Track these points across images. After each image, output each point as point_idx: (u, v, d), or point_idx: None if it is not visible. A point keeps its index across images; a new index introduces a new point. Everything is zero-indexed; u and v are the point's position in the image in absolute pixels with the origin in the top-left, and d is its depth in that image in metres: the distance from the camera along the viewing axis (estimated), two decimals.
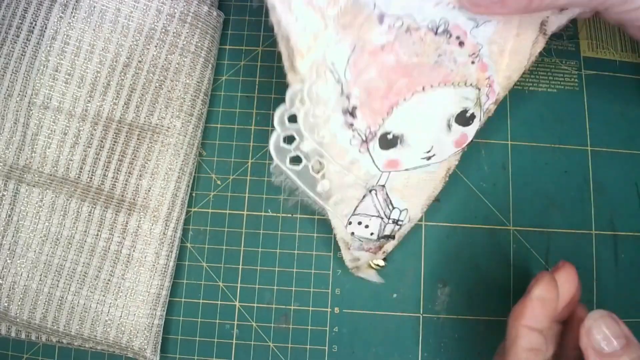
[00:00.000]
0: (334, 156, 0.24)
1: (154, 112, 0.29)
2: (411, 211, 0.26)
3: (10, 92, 0.28)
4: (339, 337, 0.30)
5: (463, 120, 0.25)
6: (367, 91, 0.23)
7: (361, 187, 0.25)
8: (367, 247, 0.26)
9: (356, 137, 0.24)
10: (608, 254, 0.30)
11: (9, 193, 0.28)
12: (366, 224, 0.26)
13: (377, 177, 0.25)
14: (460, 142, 0.25)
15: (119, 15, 0.29)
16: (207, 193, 0.31)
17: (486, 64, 0.24)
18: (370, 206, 0.25)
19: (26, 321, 0.28)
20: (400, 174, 0.25)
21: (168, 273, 0.29)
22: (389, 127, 0.24)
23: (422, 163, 0.25)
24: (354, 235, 0.26)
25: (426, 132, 0.24)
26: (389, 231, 0.26)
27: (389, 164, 0.25)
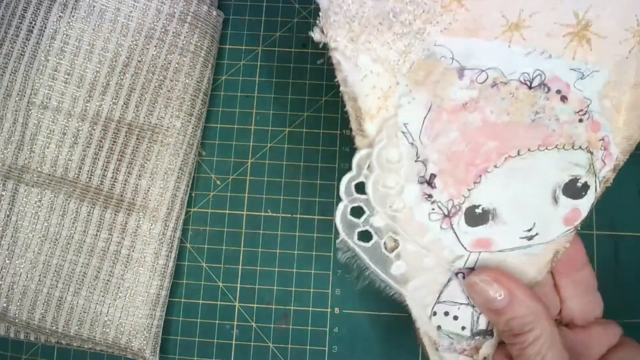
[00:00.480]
0: (410, 234, 0.21)
1: (154, 111, 0.29)
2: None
3: (10, 91, 0.28)
4: (339, 338, 0.29)
5: (573, 191, 0.20)
6: (448, 156, 0.20)
7: (445, 270, 0.21)
8: (460, 348, 0.22)
9: (436, 211, 0.21)
10: (608, 254, 0.29)
11: (8, 193, 0.28)
12: (454, 314, 0.22)
13: (464, 259, 0.21)
14: (572, 219, 0.21)
15: (118, 14, 0.29)
16: (207, 193, 0.31)
17: (598, 122, 0.20)
18: (457, 292, 0.21)
19: (25, 321, 0.28)
20: (493, 255, 0.21)
21: (167, 273, 0.29)
22: (477, 200, 0.20)
23: (521, 243, 0.21)
24: (441, 329, 0.22)
25: (526, 207, 0.21)
26: (485, 324, 0.22)
27: (478, 243, 0.21)
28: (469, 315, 0.22)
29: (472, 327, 0.22)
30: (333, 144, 0.31)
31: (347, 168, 0.31)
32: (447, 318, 0.22)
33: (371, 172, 0.20)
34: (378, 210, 0.21)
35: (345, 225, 0.21)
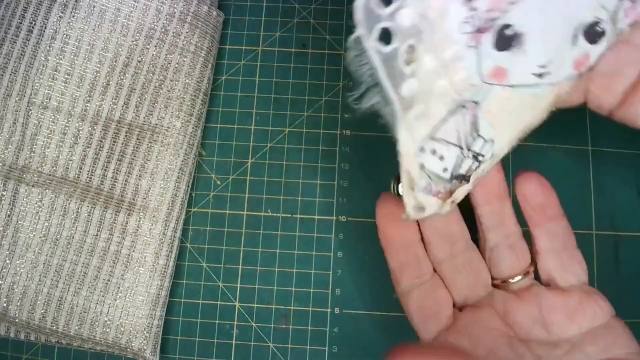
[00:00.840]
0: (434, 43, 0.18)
1: (154, 112, 0.29)
2: (497, 144, 0.21)
3: (10, 91, 0.28)
4: (339, 338, 0.29)
5: (591, 34, 0.19)
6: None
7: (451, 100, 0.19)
8: (436, 190, 0.21)
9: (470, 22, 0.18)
10: (608, 254, 0.29)
11: (8, 193, 0.28)
12: (441, 154, 0.20)
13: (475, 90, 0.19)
14: (580, 63, 0.20)
15: (118, 14, 0.29)
16: (207, 193, 0.31)
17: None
18: (452, 130, 0.20)
19: (25, 321, 0.28)
20: (500, 92, 0.20)
21: (168, 273, 0.29)
22: (513, 18, 0.18)
23: (531, 81, 0.20)
24: (424, 168, 0.20)
25: (548, 39, 0.19)
26: (465, 169, 0.21)
27: (495, 72, 0.19)
28: (454, 157, 0.20)
29: (454, 170, 0.21)
30: (333, 144, 0.31)
31: (347, 168, 0.31)
32: (433, 157, 0.20)
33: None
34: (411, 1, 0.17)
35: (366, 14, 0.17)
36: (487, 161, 0.21)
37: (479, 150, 0.21)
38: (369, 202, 0.30)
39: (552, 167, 0.30)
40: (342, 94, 0.32)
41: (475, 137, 0.20)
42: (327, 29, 0.32)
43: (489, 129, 0.20)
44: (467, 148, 0.20)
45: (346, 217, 0.30)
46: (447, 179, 0.21)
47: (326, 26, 0.32)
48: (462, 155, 0.20)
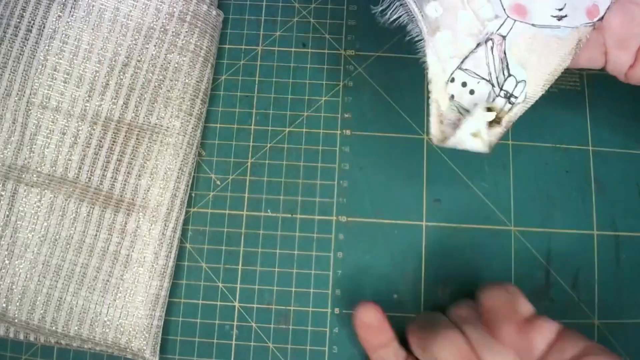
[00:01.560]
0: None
1: (153, 111, 0.29)
2: (530, 85, 0.21)
3: (9, 91, 0.28)
4: (339, 338, 0.29)
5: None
6: None
7: (477, 32, 0.20)
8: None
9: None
10: (609, 255, 0.29)
11: (7, 193, 0.28)
12: (472, 87, 0.20)
13: (499, 22, 0.20)
14: (592, 12, 0.20)
15: (117, 14, 0.28)
16: (207, 193, 0.31)
17: None
18: (482, 62, 0.20)
19: (25, 322, 0.28)
20: (525, 30, 0.20)
21: (167, 273, 0.29)
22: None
23: (552, 22, 0.20)
24: (453, 100, 0.20)
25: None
26: (497, 109, 0.21)
27: (516, 8, 0.20)
28: (486, 93, 0.20)
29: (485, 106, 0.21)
30: (333, 144, 0.31)
31: (347, 168, 0.31)
32: (463, 89, 0.20)
33: None
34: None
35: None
36: (519, 104, 0.21)
37: (511, 90, 0.21)
38: (369, 202, 0.30)
39: (553, 167, 0.30)
40: (342, 93, 0.31)
41: (506, 76, 0.20)
42: (327, 29, 0.32)
43: (519, 69, 0.20)
44: (499, 86, 0.20)
45: (346, 217, 0.30)
46: None
47: (326, 26, 0.32)
48: (494, 93, 0.20)
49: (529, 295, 0.29)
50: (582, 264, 0.29)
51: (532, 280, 0.29)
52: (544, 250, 0.30)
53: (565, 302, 0.29)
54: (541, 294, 0.29)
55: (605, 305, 0.29)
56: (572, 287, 0.29)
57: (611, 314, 0.29)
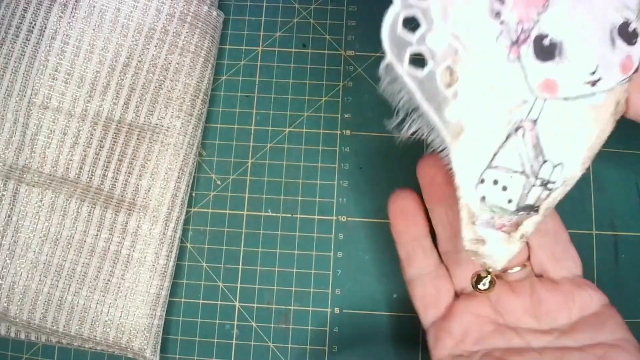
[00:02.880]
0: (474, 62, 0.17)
1: (154, 112, 0.29)
2: (567, 167, 0.19)
3: (10, 91, 0.28)
4: (339, 338, 0.29)
5: (626, 35, 0.19)
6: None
7: (505, 123, 0.18)
8: (500, 224, 0.19)
9: (504, 35, 0.17)
10: (608, 254, 0.29)
11: (9, 193, 0.28)
12: (504, 184, 0.18)
13: (528, 106, 0.18)
14: (627, 66, 0.19)
15: (118, 15, 0.29)
16: (207, 193, 0.31)
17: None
18: (514, 155, 0.18)
19: (26, 321, 0.28)
20: (557, 106, 0.18)
21: (168, 273, 0.29)
22: (546, 28, 0.18)
23: (585, 90, 0.18)
24: (485, 201, 0.19)
25: (590, 44, 0.18)
26: (533, 199, 0.19)
27: (545, 85, 0.18)
28: (520, 187, 0.19)
29: (520, 201, 0.19)
30: (333, 144, 0.31)
31: (347, 168, 0.31)
32: (495, 187, 0.19)
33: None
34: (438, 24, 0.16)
35: (394, 42, 0.16)
36: (558, 188, 0.19)
37: (548, 176, 0.19)
38: (369, 202, 0.30)
39: None
40: (342, 94, 0.32)
41: (541, 162, 0.19)
42: (327, 29, 0.32)
43: (555, 152, 0.19)
44: (534, 175, 0.19)
45: (346, 217, 0.30)
46: (513, 210, 0.19)
47: (326, 26, 0.32)
48: (529, 184, 0.19)
49: None
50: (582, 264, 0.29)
51: None
52: None
53: None
54: None
55: None
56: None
57: None
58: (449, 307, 0.23)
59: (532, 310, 0.22)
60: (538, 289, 0.22)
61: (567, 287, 0.22)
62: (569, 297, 0.22)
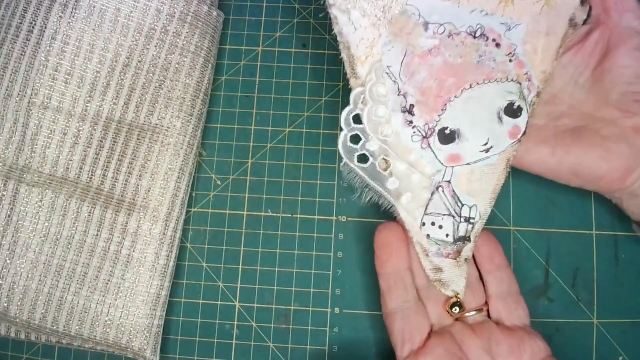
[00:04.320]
0: (398, 153, 0.26)
1: (154, 112, 0.29)
2: (480, 206, 0.26)
3: (10, 91, 0.28)
4: (339, 337, 0.29)
5: (511, 112, 0.26)
6: (421, 90, 0.26)
7: (428, 185, 0.26)
8: (446, 252, 0.26)
9: (417, 133, 0.26)
10: (608, 254, 0.29)
11: (9, 193, 0.28)
12: (439, 224, 0.26)
13: (441, 173, 0.26)
14: (514, 133, 0.26)
15: (118, 15, 0.29)
16: (207, 193, 0.31)
17: (522, 61, 0.26)
18: (439, 204, 0.26)
19: (26, 321, 0.28)
20: (463, 169, 0.26)
21: (168, 273, 0.29)
22: (445, 123, 0.26)
23: (481, 156, 0.26)
24: (430, 237, 0.26)
25: (480, 126, 0.26)
26: (464, 231, 0.26)
27: (450, 158, 0.26)
28: (451, 224, 0.26)
29: (454, 234, 0.26)
30: (333, 144, 0.31)
31: None
32: (433, 227, 0.26)
33: (365, 105, 0.26)
34: (372, 136, 0.26)
35: (346, 150, 0.26)
36: (478, 221, 0.26)
37: (467, 214, 0.26)
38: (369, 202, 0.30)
39: None
40: (342, 94, 0.32)
41: (460, 206, 0.26)
42: (327, 29, 0.32)
43: (468, 197, 0.26)
44: (458, 215, 0.26)
45: (346, 217, 0.30)
46: (451, 242, 0.26)
47: (326, 26, 0.32)
48: (456, 221, 0.26)
49: (528, 294, 0.29)
50: (582, 264, 0.29)
51: (532, 279, 0.29)
52: (543, 250, 0.30)
53: (565, 302, 0.29)
54: (540, 294, 0.29)
55: (605, 304, 0.29)
56: (571, 287, 0.29)
57: (610, 313, 0.29)
58: (422, 341, 0.26)
59: (490, 351, 0.25)
60: (495, 333, 0.25)
61: (520, 334, 0.25)
62: (521, 342, 0.25)
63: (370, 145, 0.26)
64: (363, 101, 0.26)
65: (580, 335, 0.29)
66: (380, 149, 0.26)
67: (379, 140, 0.26)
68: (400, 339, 0.26)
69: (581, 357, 0.29)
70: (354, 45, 0.26)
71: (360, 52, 0.26)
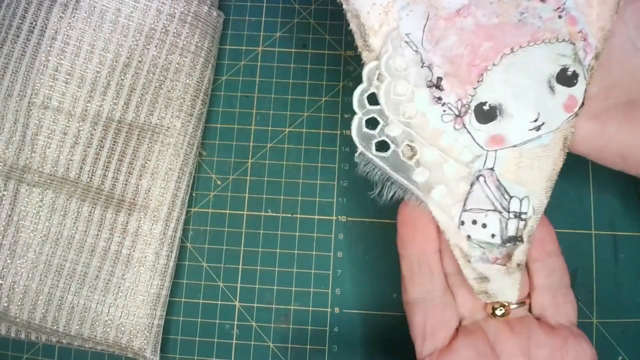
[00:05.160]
0: (426, 138, 0.21)
1: (154, 112, 0.29)
2: (534, 198, 0.22)
3: (10, 92, 0.28)
4: (339, 337, 0.30)
5: (565, 79, 0.22)
6: (450, 60, 0.21)
7: (466, 175, 0.22)
8: (493, 257, 0.22)
9: (448, 112, 0.21)
10: (608, 254, 0.30)
11: (9, 193, 0.28)
12: (483, 222, 0.22)
13: (482, 159, 0.22)
14: (570, 105, 0.22)
15: (119, 15, 0.29)
16: (207, 193, 0.31)
17: (575, 17, 0.22)
18: (482, 197, 0.22)
19: (26, 321, 0.28)
20: (509, 153, 0.22)
21: (168, 273, 0.29)
22: (483, 97, 0.21)
23: (531, 135, 0.22)
24: (471, 239, 0.22)
25: (527, 98, 0.21)
26: (513, 230, 0.22)
27: (492, 140, 0.22)
28: (497, 222, 0.22)
29: (502, 234, 0.22)
30: (333, 144, 0.31)
31: (347, 168, 0.31)
32: (475, 226, 0.22)
33: (381, 82, 0.21)
34: (392, 119, 0.21)
35: (361, 138, 0.22)
36: (532, 217, 0.22)
37: (518, 209, 0.22)
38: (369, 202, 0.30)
39: None
40: (342, 94, 0.32)
41: (508, 199, 0.22)
42: (327, 29, 0.32)
43: (518, 188, 0.22)
44: (506, 210, 0.22)
45: (346, 217, 0.31)
46: (499, 243, 0.22)
47: (326, 26, 0.32)
48: (504, 218, 0.22)
49: None
50: (581, 264, 0.29)
51: None
52: None
53: None
54: None
55: (604, 304, 0.29)
56: (570, 287, 0.29)
57: (610, 314, 0.29)
58: (448, 339, 0.22)
59: (528, 353, 0.21)
60: (536, 332, 0.22)
61: (564, 334, 0.22)
62: (564, 345, 0.22)
63: (391, 130, 0.21)
64: (379, 77, 0.21)
65: None
66: (404, 133, 0.21)
67: (401, 124, 0.21)
68: (420, 334, 0.22)
69: None
70: (365, 12, 0.21)
71: (373, 20, 0.21)
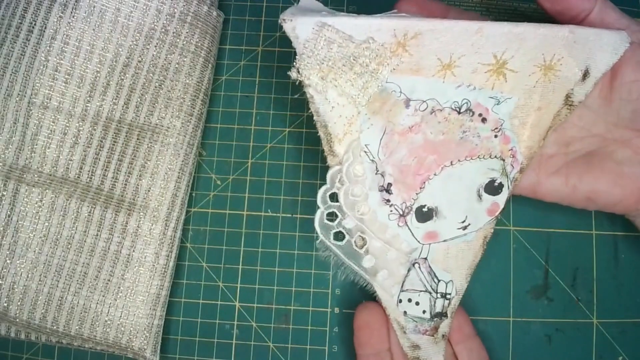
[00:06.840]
0: (375, 231, 0.26)
1: (154, 112, 0.29)
2: (456, 282, 0.26)
3: (10, 92, 0.28)
4: (339, 337, 0.30)
5: (492, 189, 0.26)
6: (400, 169, 0.25)
7: (405, 262, 0.26)
8: (423, 329, 0.26)
9: (394, 212, 0.26)
10: (608, 254, 0.30)
11: (9, 193, 0.28)
12: (416, 300, 0.26)
13: (418, 250, 0.26)
14: (493, 210, 0.26)
15: (118, 15, 0.29)
16: (207, 193, 0.31)
17: (509, 137, 0.25)
18: (416, 280, 0.26)
19: (26, 321, 0.28)
20: (440, 246, 0.26)
21: (168, 273, 0.29)
22: (423, 201, 0.26)
23: (459, 233, 0.26)
24: (407, 314, 0.26)
25: (459, 204, 0.26)
26: (440, 307, 0.26)
27: (427, 236, 0.26)
28: (428, 300, 0.26)
29: (431, 310, 0.26)
30: None
31: None
32: (410, 304, 0.26)
33: (342, 185, 0.25)
34: (348, 214, 0.25)
35: (322, 228, 0.26)
36: (454, 297, 0.26)
37: (444, 290, 0.26)
38: None
39: None
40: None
41: (437, 282, 0.26)
42: None
43: (444, 273, 0.26)
44: (435, 291, 0.26)
45: None
46: (428, 318, 0.26)
47: None
48: (433, 297, 0.26)
49: (528, 294, 0.29)
50: (581, 264, 0.29)
51: (531, 279, 0.30)
52: (543, 249, 0.30)
53: (564, 302, 0.29)
54: (540, 294, 0.29)
55: (604, 304, 0.29)
56: (571, 287, 0.29)
57: (610, 314, 0.29)
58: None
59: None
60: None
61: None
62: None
63: (347, 223, 0.26)
64: (340, 180, 0.25)
65: (580, 335, 0.29)
66: (357, 226, 0.26)
67: (355, 219, 0.26)
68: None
69: (581, 357, 0.29)
70: (332, 123, 0.25)
71: (338, 130, 0.25)
